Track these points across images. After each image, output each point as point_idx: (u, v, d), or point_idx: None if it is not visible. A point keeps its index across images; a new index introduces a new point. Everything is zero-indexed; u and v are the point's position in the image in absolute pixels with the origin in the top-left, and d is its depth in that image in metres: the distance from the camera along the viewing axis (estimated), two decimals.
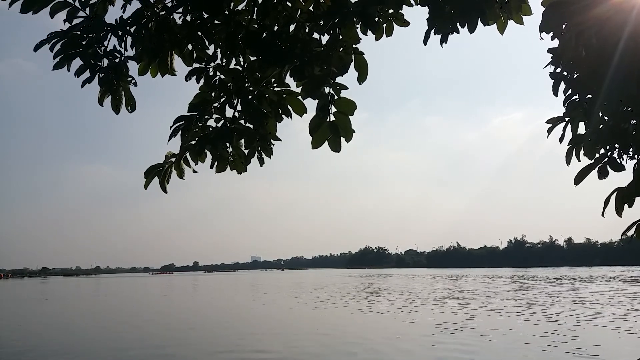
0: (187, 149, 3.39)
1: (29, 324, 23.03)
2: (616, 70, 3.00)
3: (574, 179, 3.71)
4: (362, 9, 3.01)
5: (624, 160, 3.60)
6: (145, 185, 3.38)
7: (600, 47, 2.92)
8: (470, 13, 3.30)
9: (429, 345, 14.32)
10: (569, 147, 3.87)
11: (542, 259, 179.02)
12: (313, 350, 14.17)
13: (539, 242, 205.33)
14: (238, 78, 3.39)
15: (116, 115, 3.36)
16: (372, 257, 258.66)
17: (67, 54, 3.03)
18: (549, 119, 3.95)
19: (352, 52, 3.15)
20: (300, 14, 3.29)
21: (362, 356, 13.14)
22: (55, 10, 3.00)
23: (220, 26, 3.20)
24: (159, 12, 3.15)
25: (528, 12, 3.55)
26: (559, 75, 3.61)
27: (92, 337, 18.12)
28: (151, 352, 14.30)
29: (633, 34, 2.86)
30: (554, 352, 13.04)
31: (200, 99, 3.40)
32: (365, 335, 16.69)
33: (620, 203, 3.46)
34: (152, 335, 18.22)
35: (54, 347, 15.67)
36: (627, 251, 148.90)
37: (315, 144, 3.13)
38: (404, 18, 3.43)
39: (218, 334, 17.99)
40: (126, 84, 3.30)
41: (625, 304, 25.49)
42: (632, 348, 13.48)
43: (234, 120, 3.42)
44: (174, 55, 3.27)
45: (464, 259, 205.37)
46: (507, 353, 13.17)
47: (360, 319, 22.05)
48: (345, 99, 3.12)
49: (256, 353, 13.80)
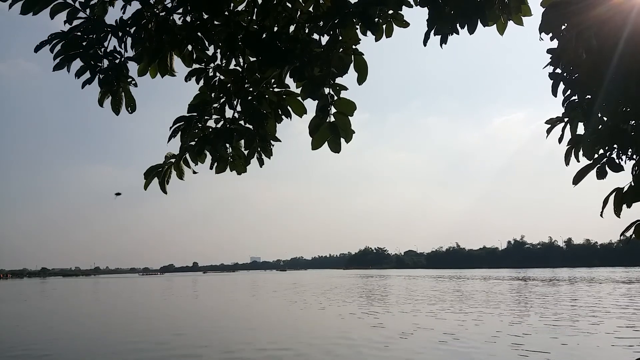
0: (187, 150, 3.39)
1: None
2: (615, 70, 3.01)
3: (573, 179, 3.71)
4: (361, 10, 3.01)
5: (623, 160, 3.61)
6: (145, 186, 3.38)
7: (600, 47, 2.92)
8: (470, 14, 3.30)
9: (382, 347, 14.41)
10: (568, 148, 3.87)
11: (542, 260, 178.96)
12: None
13: (539, 243, 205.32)
14: (238, 79, 3.39)
15: (118, 116, 3.36)
16: (372, 257, 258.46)
17: (67, 54, 3.03)
18: (548, 119, 3.96)
19: (352, 53, 3.15)
20: (300, 14, 3.30)
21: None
22: (55, 12, 3.00)
23: (220, 27, 3.20)
24: (158, 12, 3.15)
25: (528, 12, 3.55)
26: (558, 76, 3.62)
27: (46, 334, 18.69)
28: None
29: (632, 34, 2.86)
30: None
31: (200, 100, 3.41)
32: (319, 333, 16.93)
33: (619, 204, 3.47)
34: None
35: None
36: (626, 252, 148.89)
37: (315, 145, 3.14)
38: (403, 19, 3.43)
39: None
40: (126, 84, 3.30)
41: (607, 307, 24.71)
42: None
43: (233, 121, 3.42)
44: (173, 56, 3.27)
45: (463, 260, 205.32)
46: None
47: (320, 317, 22.37)
48: (345, 99, 3.13)
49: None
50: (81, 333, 19.11)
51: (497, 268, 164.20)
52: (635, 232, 3.52)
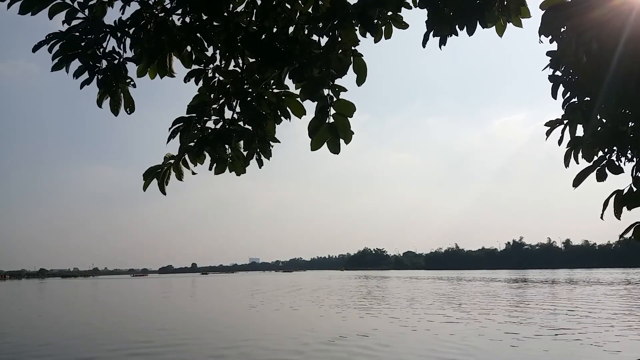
0: (186, 151, 3.39)
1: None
2: (615, 72, 3.01)
3: (573, 181, 3.71)
4: (361, 11, 3.01)
5: (622, 162, 3.61)
6: (144, 187, 3.37)
7: (599, 49, 2.92)
8: (469, 15, 3.30)
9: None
10: (567, 150, 3.87)
11: (541, 261, 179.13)
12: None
13: (537, 244, 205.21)
14: (237, 79, 3.39)
15: (118, 117, 3.35)
16: (371, 258, 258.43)
17: (65, 55, 3.03)
18: (548, 121, 3.96)
19: (351, 54, 3.15)
20: (300, 15, 3.30)
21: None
22: (54, 12, 2.99)
23: (219, 28, 3.20)
24: (157, 13, 3.15)
25: (527, 14, 3.55)
26: (558, 78, 3.62)
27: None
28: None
29: (632, 36, 2.86)
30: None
31: (199, 101, 3.40)
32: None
33: (619, 206, 3.47)
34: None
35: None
36: (625, 253, 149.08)
37: (314, 146, 3.13)
38: (402, 20, 3.43)
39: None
40: (125, 85, 3.29)
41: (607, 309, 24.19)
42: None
43: (232, 122, 3.42)
44: (172, 57, 3.27)
45: (462, 261, 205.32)
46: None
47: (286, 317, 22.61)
48: (344, 100, 3.12)
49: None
50: (76, 334, 19.12)
51: (496, 269, 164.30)
52: (635, 234, 3.52)
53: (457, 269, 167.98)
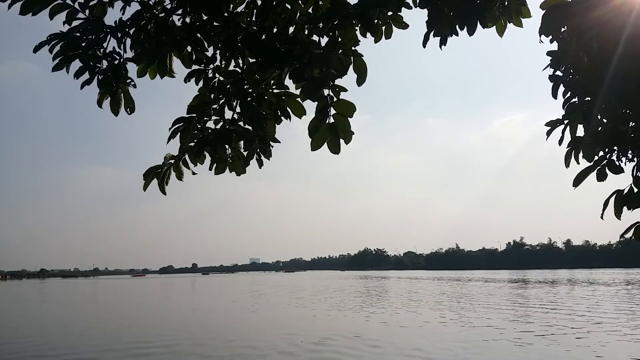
0: (186, 151, 3.39)
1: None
2: (615, 72, 3.00)
3: (573, 181, 3.71)
4: (361, 12, 3.01)
5: (623, 162, 3.61)
6: (144, 187, 3.38)
7: (600, 49, 2.92)
8: (469, 15, 3.30)
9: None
10: (567, 150, 3.87)
11: (541, 261, 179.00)
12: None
13: (538, 244, 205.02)
14: (237, 80, 3.39)
15: (118, 117, 3.35)
16: (371, 258, 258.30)
17: (66, 55, 3.02)
18: (548, 121, 3.95)
19: (351, 54, 3.15)
20: (300, 16, 3.30)
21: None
22: (54, 12, 2.99)
23: (219, 28, 3.20)
24: (158, 13, 3.15)
25: (527, 14, 3.55)
26: (558, 78, 3.61)
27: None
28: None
29: (632, 36, 2.86)
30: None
31: (199, 101, 3.40)
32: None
33: (620, 206, 3.47)
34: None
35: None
36: (625, 253, 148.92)
37: (314, 146, 3.13)
38: (403, 20, 3.43)
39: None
40: (125, 85, 3.29)
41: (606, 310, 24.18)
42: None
43: (233, 122, 3.42)
44: (173, 57, 3.27)
45: (462, 261, 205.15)
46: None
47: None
48: (344, 101, 3.12)
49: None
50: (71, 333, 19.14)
51: (497, 269, 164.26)
52: (635, 234, 3.52)
53: (458, 269, 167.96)
